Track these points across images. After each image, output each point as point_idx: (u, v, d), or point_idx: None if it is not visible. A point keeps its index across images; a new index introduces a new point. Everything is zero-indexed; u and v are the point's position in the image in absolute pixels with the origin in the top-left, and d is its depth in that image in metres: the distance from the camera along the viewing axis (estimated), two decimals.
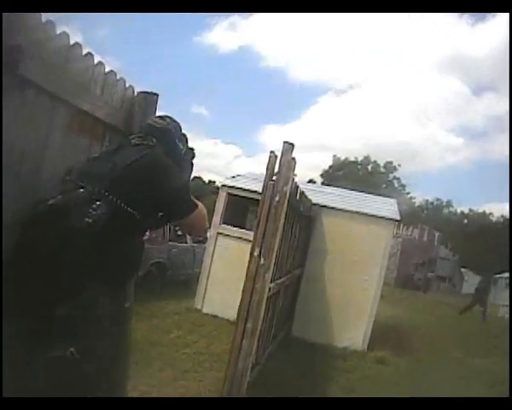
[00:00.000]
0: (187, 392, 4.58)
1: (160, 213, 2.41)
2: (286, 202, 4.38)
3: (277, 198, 4.27)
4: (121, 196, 2.19)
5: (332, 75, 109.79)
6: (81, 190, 2.18)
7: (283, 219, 4.54)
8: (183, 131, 2.72)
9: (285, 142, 4.34)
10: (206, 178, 57.61)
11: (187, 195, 2.47)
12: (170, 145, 2.58)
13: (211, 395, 4.55)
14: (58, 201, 2.16)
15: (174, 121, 2.68)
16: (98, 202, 2.12)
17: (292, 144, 4.34)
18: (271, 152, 4.41)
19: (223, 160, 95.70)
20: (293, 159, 4.39)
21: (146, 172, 2.30)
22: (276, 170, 4.39)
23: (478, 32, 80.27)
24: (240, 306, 4.32)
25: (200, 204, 2.51)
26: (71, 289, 2.07)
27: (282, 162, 4.33)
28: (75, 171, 2.37)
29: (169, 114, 2.73)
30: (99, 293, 2.15)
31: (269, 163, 4.39)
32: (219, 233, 8.35)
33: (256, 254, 4.27)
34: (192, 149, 2.78)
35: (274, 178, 4.37)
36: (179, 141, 2.66)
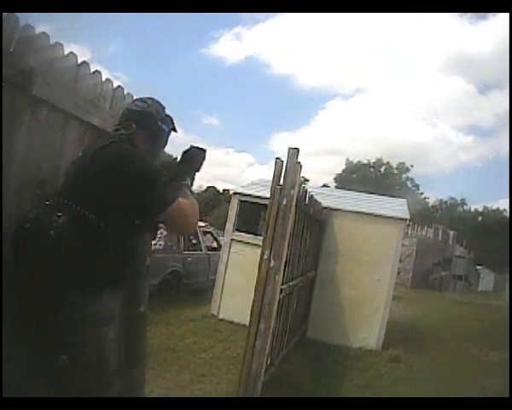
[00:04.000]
0: (204, 394, 4.63)
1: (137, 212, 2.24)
2: (293, 205, 4.51)
3: (285, 202, 4.41)
4: (85, 200, 2.12)
5: (338, 80, 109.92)
6: (47, 202, 2.16)
7: (292, 221, 4.67)
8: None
9: (290, 147, 4.48)
10: (220, 188, 58.14)
11: (158, 188, 2.22)
12: (152, 128, 2.45)
13: (227, 396, 4.59)
14: (30, 214, 2.14)
15: (156, 102, 2.51)
16: (59, 213, 2.08)
17: (297, 149, 4.48)
18: (277, 158, 4.54)
19: (236, 168, 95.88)
20: (299, 163, 4.51)
21: (105, 170, 2.15)
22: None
23: (479, 30, 79.73)
24: (252, 307, 4.44)
25: (186, 200, 2.33)
26: (53, 299, 2.10)
27: (288, 167, 4.47)
28: (47, 182, 2.40)
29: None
30: (82, 300, 2.14)
31: (275, 169, 4.52)
32: (233, 240, 8.52)
33: (266, 256, 4.40)
34: (169, 117, 2.56)
35: (281, 182, 4.50)
36: (162, 123, 2.49)
